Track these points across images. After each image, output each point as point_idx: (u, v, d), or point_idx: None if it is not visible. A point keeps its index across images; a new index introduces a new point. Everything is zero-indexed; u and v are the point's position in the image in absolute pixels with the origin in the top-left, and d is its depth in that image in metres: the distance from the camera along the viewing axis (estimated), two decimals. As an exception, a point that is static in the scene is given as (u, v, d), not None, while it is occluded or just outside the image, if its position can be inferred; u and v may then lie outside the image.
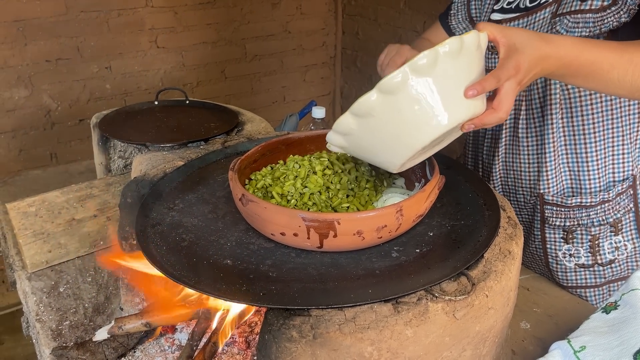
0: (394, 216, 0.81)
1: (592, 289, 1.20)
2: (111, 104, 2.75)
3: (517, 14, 1.12)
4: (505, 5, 1.16)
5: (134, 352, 1.02)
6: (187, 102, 1.61)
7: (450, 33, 1.32)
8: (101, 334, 0.99)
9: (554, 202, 1.15)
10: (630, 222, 1.15)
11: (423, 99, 0.72)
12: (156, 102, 1.59)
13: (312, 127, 1.54)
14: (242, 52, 3.12)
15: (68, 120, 2.69)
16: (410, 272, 0.78)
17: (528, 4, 1.11)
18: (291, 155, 1.07)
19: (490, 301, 0.77)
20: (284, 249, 0.85)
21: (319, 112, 1.53)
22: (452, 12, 1.32)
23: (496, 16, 1.17)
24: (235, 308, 0.95)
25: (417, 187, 1.01)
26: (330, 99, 3.64)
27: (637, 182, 1.15)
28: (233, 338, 1.02)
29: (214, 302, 0.94)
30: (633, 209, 1.15)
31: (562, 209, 1.15)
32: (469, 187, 1.02)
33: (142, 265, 0.94)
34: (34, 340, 1.17)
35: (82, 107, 2.70)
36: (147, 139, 1.33)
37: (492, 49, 1.14)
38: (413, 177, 1.03)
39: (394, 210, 0.80)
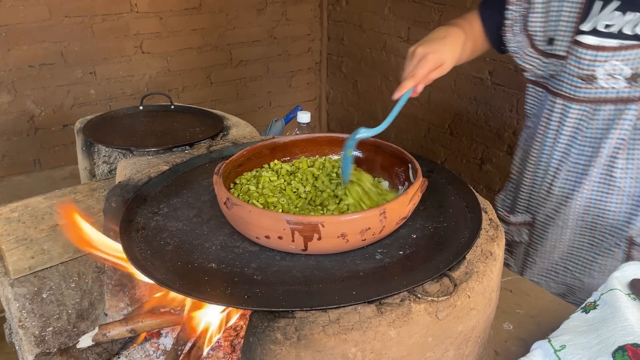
0: (378, 219, 0.81)
1: None
2: (96, 109, 2.73)
3: (634, 42, 1.00)
4: (601, 28, 1.02)
5: (119, 357, 1.02)
6: (172, 107, 1.61)
7: (498, 41, 1.21)
8: (85, 341, 0.98)
9: None
10: None
11: None
12: (141, 107, 1.59)
13: (298, 132, 1.55)
14: (227, 57, 3.12)
15: (52, 126, 2.67)
16: (393, 273, 0.79)
17: (638, 31, 0.99)
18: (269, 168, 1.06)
19: (472, 302, 0.78)
20: (268, 252, 0.85)
21: (304, 117, 1.54)
22: (508, 22, 1.18)
23: (589, 40, 1.04)
24: (220, 312, 0.95)
25: (400, 190, 1.02)
26: (316, 104, 3.66)
27: None
28: (218, 342, 1.02)
29: (198, 306, 0.94)
30: None
31: None
32: (451, 189, 1.03)
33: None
34: (17, 347, 1.16)
35: (66, 112, 2.69)
36: (131, 144, 1.32)
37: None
38: (397, 180, 1.04)
39: (378, 212, 0.81)
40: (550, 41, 1.11)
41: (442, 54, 1.05)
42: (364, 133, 0.98)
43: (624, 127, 1.08)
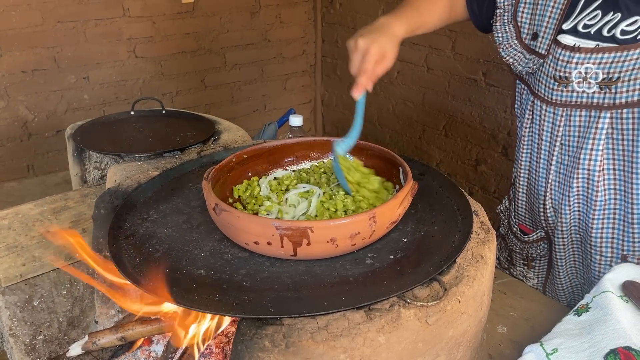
0: (367, 223, 0.81)
1: None
2: (89, 114, 2.72)
3: (609, 45, 0.98)
4: (581, 28, 1.01)
5: (109, 365, 1.01)
6: (164, 111, 1.60)
7: (484, 22, 1.18)
8: (75, 350, 0.98)
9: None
10: None
11: None
12: (132, 112, 1.58)
13: (290, 135, 1.55)
14: (221, 61, 3.11)
15: (45, 132, 2.66)
16: (383, 278, 0.79)
17: (618, 35, 0.97)
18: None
19: (463, 306, 0.78)
20: (258, 258, 0.85)
21: (296, 120, 1.53)
22: (498, 10, 1.14)
23: (568, 39, 1.02)
24: (210, 319, 0.94)
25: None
26: (311, 107, 3.65)
27: None
28: (210, 349, 1.02)
29: (188, 313, 0.94)
30: None
31: None
32: (443, 193, 1.02)
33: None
34: (7, 356, 1.15)
35: (60, 118, 2.68)
36: (122, 149, 1.32)
37: None
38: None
39: (367, 217, 0.81)
40: (534, 37, 1.07)
41: (382, 44, 1.03)
42: (343, 144, 0.99)
43: (599, 137, 1.04)
